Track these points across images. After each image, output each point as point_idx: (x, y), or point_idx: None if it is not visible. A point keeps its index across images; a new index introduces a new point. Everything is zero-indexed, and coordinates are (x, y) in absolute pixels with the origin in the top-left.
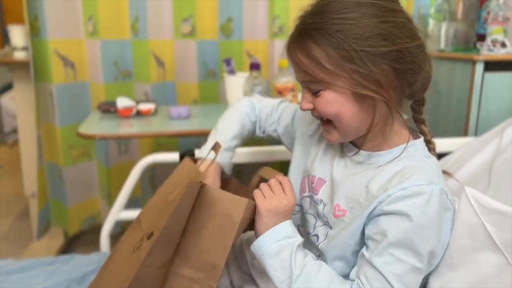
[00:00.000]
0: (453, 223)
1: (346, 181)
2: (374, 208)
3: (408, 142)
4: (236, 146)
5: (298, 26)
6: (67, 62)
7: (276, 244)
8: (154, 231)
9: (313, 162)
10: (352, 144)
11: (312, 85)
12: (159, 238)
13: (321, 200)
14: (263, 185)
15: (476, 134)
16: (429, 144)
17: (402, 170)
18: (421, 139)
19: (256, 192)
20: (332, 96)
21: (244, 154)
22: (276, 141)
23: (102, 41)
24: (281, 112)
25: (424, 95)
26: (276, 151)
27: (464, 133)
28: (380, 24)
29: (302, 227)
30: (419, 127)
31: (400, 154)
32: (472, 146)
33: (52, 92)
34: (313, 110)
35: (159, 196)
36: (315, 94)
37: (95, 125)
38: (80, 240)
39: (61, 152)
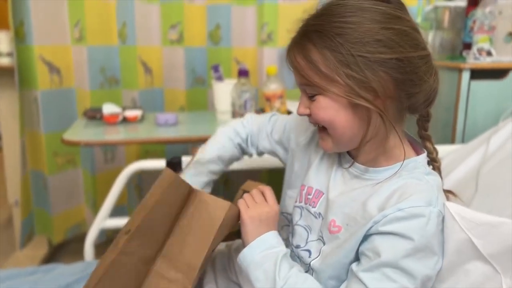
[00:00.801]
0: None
1: (343, 196)
2: (370, 228)
3: (406, 158)
4: (212, 171)
5: (301, 28)
6: (52, 68)
7: (260, 254)
8: (132, 228)
9: (308, 171)
10: (349, 155)
11: (308, 88)
12: (139, 226)
13: (320, 213)
14: (246, 195)
15: (463, 141)
16: (434, 162)
17: (400, 188)
18: (424, 154)
19: (239, 202)
20: (327, 102)
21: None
22: None
23: (89, 47)
24: (273, 123)
25: (429, 110)
26: (265, 158)
27: (452, 140)
28: (381, 30)
29: (290, 239)
30: (424, 144)
31: (398, 171)
32: (459, 154)
33: (37, 98)
34: (309, 116)
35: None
36: (311, 98)
37: (80, 132)
38: (65, 249)
39: (46, 160)
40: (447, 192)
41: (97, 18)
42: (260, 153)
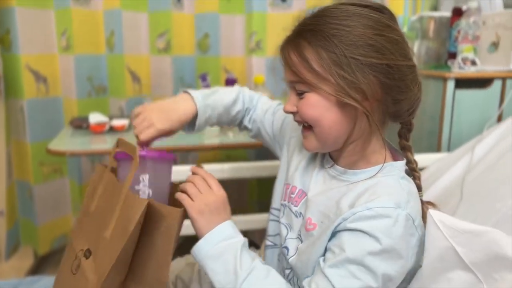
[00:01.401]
0: (420, 248)
1: (320, 195)
2: (339, 224)
3: (384, 162)
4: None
5: (297, 26)
6: (39, 77)
7: (217, 246)
8: (91, 248)
9: (295, 171)
10: (330, 157)
11: (298, 85)
12: (119, 258)
13: (300, 213)
14: (187, 185)
15: (448, 149)
16: (414, 172)
17: (372, 187)
18: (402, 162)
19: (181, 195)
20: (316, 99)
21: (226, 170)
22: (259, 157)
23: (76, 55)
24: (277, 111)
25: (411, 120)
26: (260, 167)
27: (437, 148)
28: (374, 36)
29: (274, 237)
30: (405, 154)
31: (375, 174)
32: (444, 162)
33: (23, 107)
34: (295, 114)
35: (84, 212)
36: (300, 95)
37: (66, 141)
38: (51, 260)
39: (32, 169)
40: (427, 203)
41: (85, 26)
42: (253, 131)
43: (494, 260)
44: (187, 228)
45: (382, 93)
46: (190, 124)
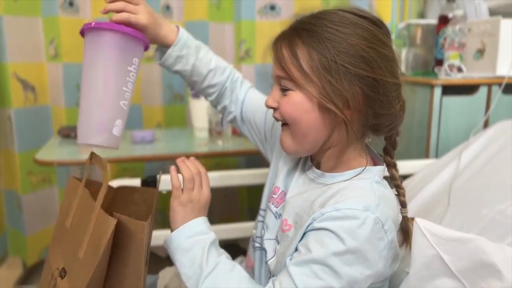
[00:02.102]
0: (391, 253)
1: (297, 197)
2: (309, 225)
3: (365, 166)
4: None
5: (294, 23)
6: (27, 86)
7: (188, 240)
8: (67, 267)
9: (280, 173)
10: (311, 161)
11: (284, 81)
12: (92, 278)
13: (280, 214)
14: (186, 176)
15: (436, 155)
16: (398, 189)
17: (344, 189)
18: (381, 167)
19: (173, 178)
20: (299, 99)
21: (214, 178)
22: (250, 165)
23: (64, 64)
24: (269, 112)
25: (395, 138)
26: (250, 175)
27: (426, 155)
28: (367, 48)
29: (258, 236)
30: (390, 171)
31: (350, 178)
32: (432, 168)
33: (11, 116)
34: (275, 110)
35: (59, 227)
36: (284, 92)
37: (54, 151)
38: (40, 270)
39: (20, 179)
40: (412, 220)
41: (73, 35)
42: (227, 106)
43: (480, 268)
44: None
45: (364, 105)
46: (162, 50)
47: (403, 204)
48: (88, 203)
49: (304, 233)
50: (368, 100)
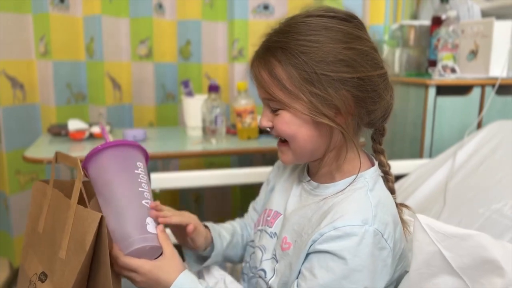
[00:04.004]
0: (395, 257)
1: (295, 214)
2: (310, 247)
3: (357, 173)
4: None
5: (264, 42)
6: (15, 83)
7: None
8: (46, 271)
9: (271, 195)
10: (307, 173)
11: (271, 103)
12: (76, 281)
13: (275, 233)
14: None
15: (430, 156)
16: (387, 175)
17: (339, 204)
18: (374, 168)
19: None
20: (290, 117)
21: (209, 177)
22: (243, 164)
23: (54, 62)
24: (251, 210)
25: (384, 125)
26: (235, 175)
27: (420, 155)
28: (344, 51)
29: (249, 263)
30: (378, 158)
31: (343, 189)
32: (427, 168)
33: None
34: (271, 128)
35: (30, 235)
36: (275, 112)
37: (44, 149)
38: None
39: (7, 179)
40: (401, 206)
41: (64, 32)
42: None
43: (481, 264)
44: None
45: (356, 106)
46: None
47: (391, 191)
48: (60, 202)
49: (307, 255)
50: (358, 101)
